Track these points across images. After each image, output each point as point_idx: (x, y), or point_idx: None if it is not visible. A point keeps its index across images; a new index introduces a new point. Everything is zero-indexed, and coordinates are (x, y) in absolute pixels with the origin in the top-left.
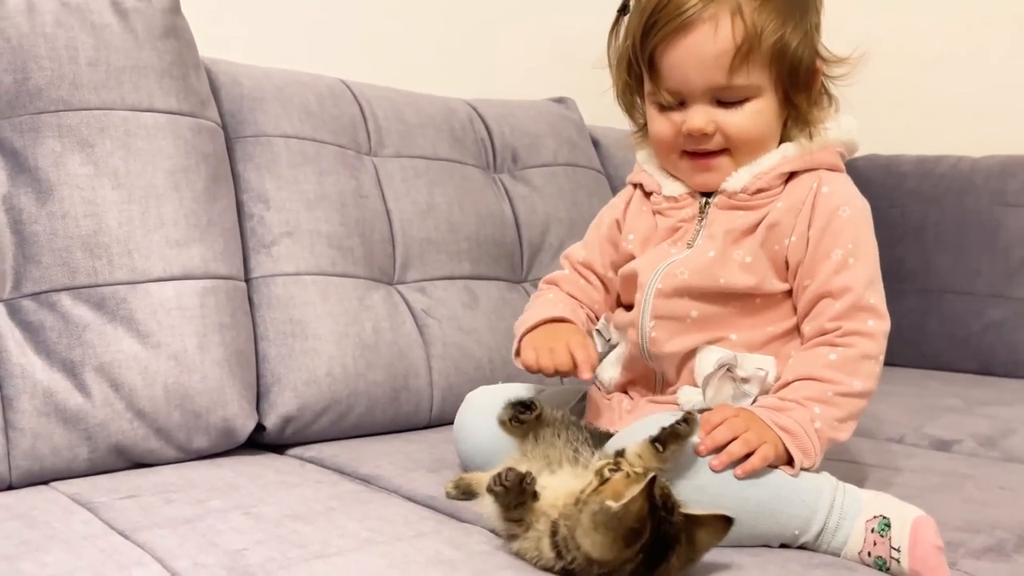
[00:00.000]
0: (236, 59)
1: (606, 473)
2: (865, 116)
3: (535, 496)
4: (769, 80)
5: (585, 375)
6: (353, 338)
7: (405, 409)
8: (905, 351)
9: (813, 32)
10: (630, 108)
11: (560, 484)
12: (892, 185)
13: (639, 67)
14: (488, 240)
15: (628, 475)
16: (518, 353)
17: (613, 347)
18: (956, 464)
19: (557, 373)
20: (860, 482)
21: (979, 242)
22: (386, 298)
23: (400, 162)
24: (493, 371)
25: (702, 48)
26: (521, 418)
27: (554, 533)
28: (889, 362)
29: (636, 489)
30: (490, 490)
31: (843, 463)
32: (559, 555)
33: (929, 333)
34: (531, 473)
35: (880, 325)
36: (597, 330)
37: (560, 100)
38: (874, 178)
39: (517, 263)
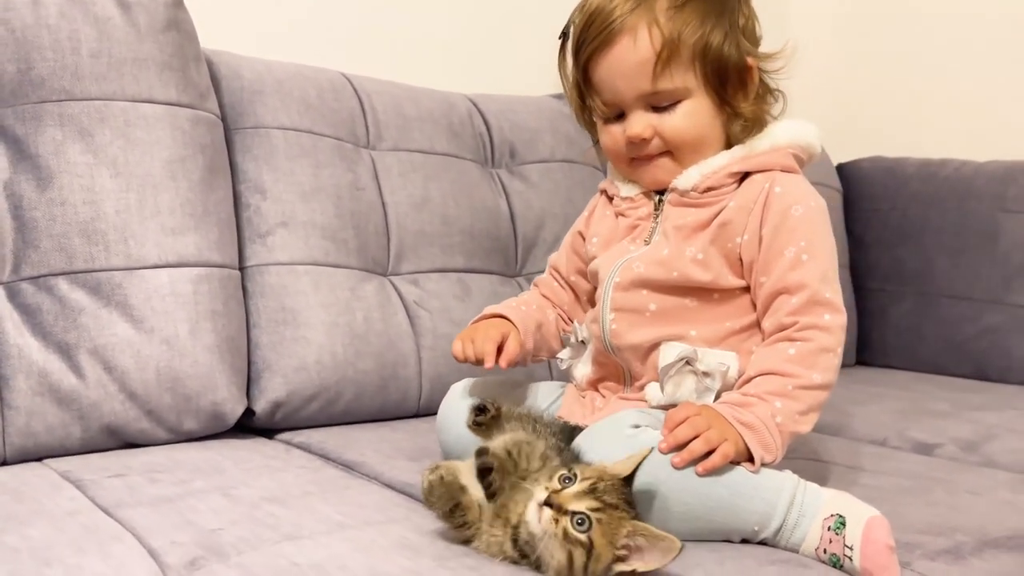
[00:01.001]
0: (241, 51)
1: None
2: (873, 119)
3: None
4: (696, 80)
5: (487, 365)
6: (344, 327)
7: (394, 398)
8: (901, 354)
9: (736, 31)
10: (588, 125)
11: (521, 491)
12: (895, 187)
13: (582, 85)
14: (482, 234)
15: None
16: None
17: (586, 347)
18: (930, 468)
19: (473, 361)
20: (830, 482)
21: (978, 247)
22: (379, 289)
23: (398, 155)
24: None
25: (625, 59)
26: (478, 420)
27: (515, 540)
28: (885, 364)
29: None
30: (425, 497)
31: (820, 463)
32: (523, 555)
33: (925, 337)
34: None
35: (836, 319)
36: (574, 330)
37: (560, 96)
38: (877, 180)
39: (511, 257)
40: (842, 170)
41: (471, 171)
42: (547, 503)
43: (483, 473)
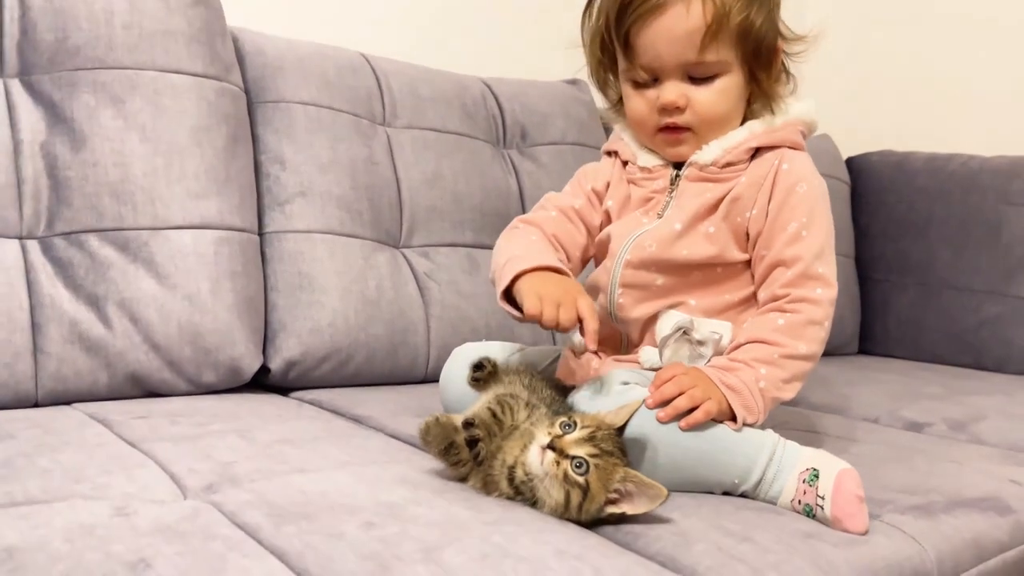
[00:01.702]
0: (265, 29)
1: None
2: (886, 113)
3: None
4: (736, 57)
5: (592, 346)
6: (357, 294)
7: (402, 363)
8: (903, 343)
9: (775, 11)
10: (603, 85)
11: (517, 436)
12: (903, 181)
13: (613, 46)
14: (492, 211)
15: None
16: (508, 295)
17: None
18: (916, 441)
19: (558, 328)
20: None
21: (980, 240)
22: (390, 260)
23: (411, 133)
24: (488, 333)
25: (675, 27)
26: (476, 376)
27: (511, 479)
28: (887, 353)
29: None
30: (422, 437)
31: (812, 434)
32: (518, 492)
33: (927, 327)
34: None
35: (827, 293)
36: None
37: (573, 82)
38: (886, 173)
39: None
40: (851, 163)
41: (483, 151)
42: (550, 446)
43: (471, 444)
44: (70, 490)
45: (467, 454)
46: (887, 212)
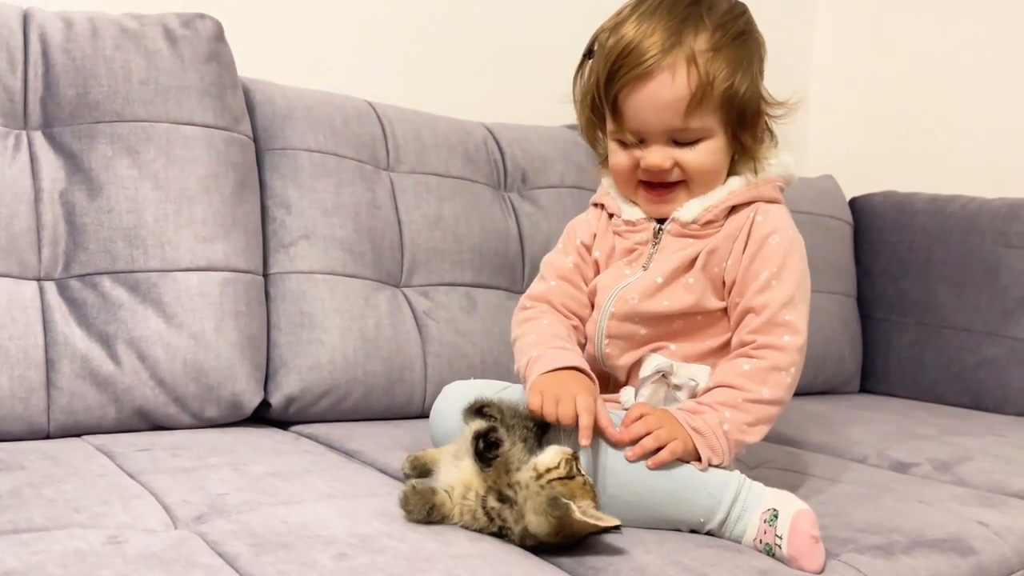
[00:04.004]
0: (277, 78)
1: (573, 470)
2: (888, 153)
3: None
4: (719, 122)
5: (583, 442)
6: (356, 332)
7: (400, 399)
8: (903, 383)
9: (758, 78)
10: (592, 141)
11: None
12: (904, 221)
13: (602, 107)
14: (491, 252)
15: (586, 483)
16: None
17: None
18: (890, 480)
19: (556, 423)
20: (788, 488)
21: (979, 281)
22: (390, 299)
23: (414, 178)
24: (484, 370)
25: (661, 94)
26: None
27: (484, 504)
28: (887, 392)
29: (593, 513)
30: (402, 506)
31: (786, 472)
32: (491, 520)
33: (926, 366)
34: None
35: (794, 340)
36: None
37: (573, 127)
38: (888, 214)
39: (518, 275)
40: (855, 203)
41: (484, 194)
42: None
43: (487, 436)
44: (70, 519)
45: (447, 508)
46: (889, 252)
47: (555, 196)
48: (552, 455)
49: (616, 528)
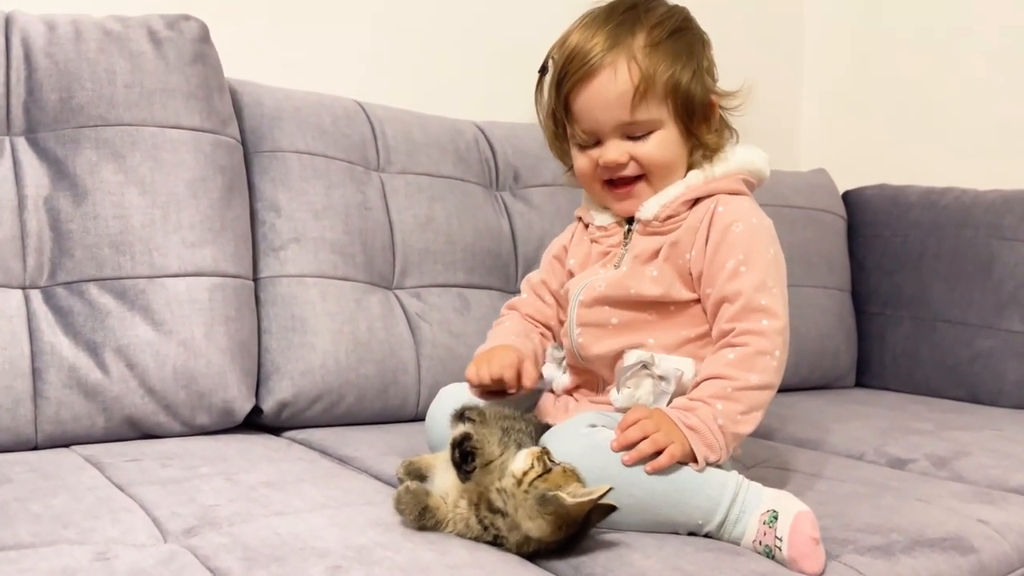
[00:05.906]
0: (265, 78)
1: (547, 463)
2: (881, 146)
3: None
4: (668, 113)
5: (510, 389)
6: (348, 335)
7: (393, 403)
8: (899, 377)
9: (703, 71)
10: (561, 154)
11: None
12: (898, 215)
13: (559, 113)
14: (484, 252)
15: (564, 470)
16: None
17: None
18: (889, 478)
19: (487, 383)
20: (789, 487)
21: (973, 274)
22: (383, 301)
23: (405, 178)
24: None
25: (607, 90)
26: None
27: (477, 513)
28: (883, 386)
29: (584, 491)
30: (396, 507)
31: (785, 471)
32: (485, 529)
33: (921, 360)
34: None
35: (773, 323)
36: (554, 347)
37: None
38: (882, 207)
39: (511, 274)
40: (848, 197)
41: (475, 193)
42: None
43: (462, 445)
44: (57, 535)
45: (441, 513)
46: (882, 246)
47: (548, 195)
48: (523, 459)
49: (609, 491)
